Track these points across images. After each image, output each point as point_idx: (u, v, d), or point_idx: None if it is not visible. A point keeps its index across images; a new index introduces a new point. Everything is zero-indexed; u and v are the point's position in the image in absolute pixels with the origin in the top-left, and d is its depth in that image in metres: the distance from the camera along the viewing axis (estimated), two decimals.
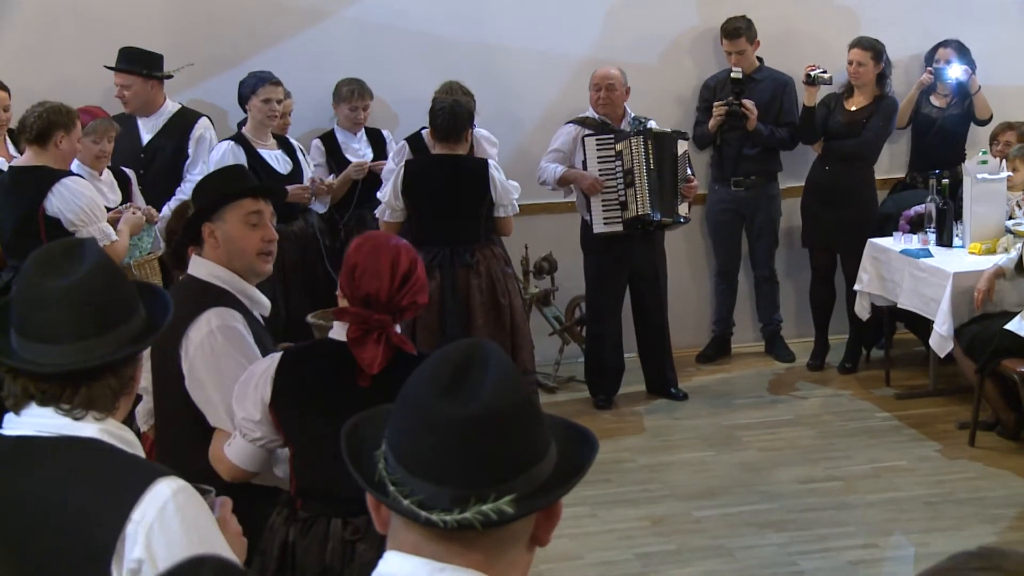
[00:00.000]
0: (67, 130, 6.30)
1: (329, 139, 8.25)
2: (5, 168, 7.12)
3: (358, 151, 8.15)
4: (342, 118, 8.20)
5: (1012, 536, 6.24)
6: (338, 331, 3.92)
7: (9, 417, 2.69)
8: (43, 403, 2.66)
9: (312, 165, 8.13)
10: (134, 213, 6.82)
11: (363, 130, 8.25)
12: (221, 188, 4.21)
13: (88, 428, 2.65)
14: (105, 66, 7.47)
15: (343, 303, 3.96)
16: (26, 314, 2.67)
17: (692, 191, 8.13)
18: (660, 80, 8.72)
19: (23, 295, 2.72)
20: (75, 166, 6.57)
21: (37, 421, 2.67)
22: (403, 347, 3.90)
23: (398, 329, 3.88)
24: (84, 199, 6.17)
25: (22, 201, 6.16)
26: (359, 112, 8.14)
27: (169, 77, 7.61)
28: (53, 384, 2.64)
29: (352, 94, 8.10)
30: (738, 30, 8.47)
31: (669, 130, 8.08)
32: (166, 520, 2.58)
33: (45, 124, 6.25)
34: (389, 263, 3.91)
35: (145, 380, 4.45)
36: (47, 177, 6.17)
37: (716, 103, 8.37)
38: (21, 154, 7.16)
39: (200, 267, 4.18)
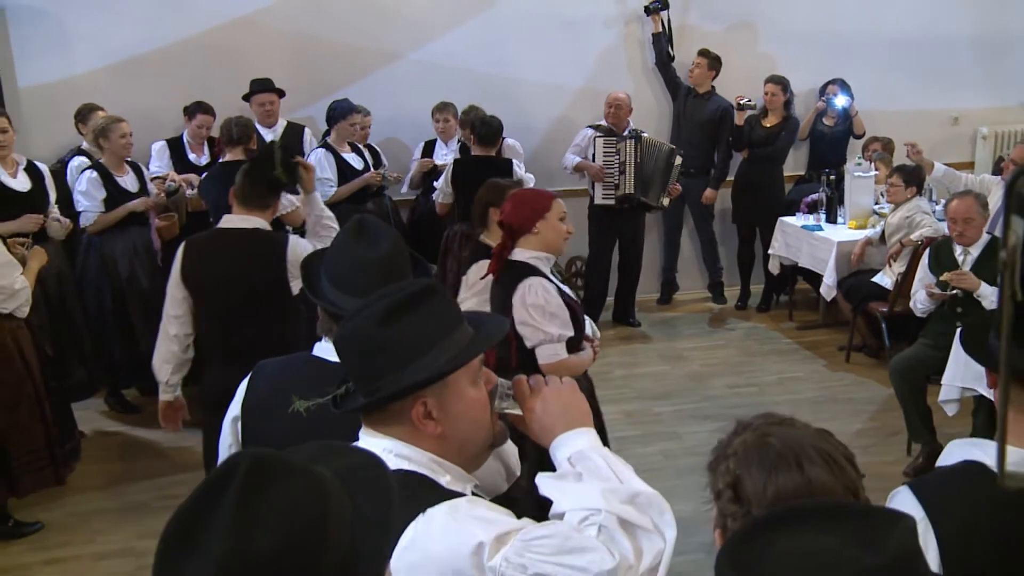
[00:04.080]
0: (253, 135, 6.41)
1: (430, 144, 8.21)
2: (201, 162, 7.33)
3: (444, 155, 8.04)
4: (435, 128, 8.13)
5: (872, 424, 6.39)
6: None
7: (322, 346, 2.66)
8: None
9: (412, 160, 8.19)
10: None
11: (455, 140, 8.10)
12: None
13: None
14: (261, 89, 7.51)
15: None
16: (340, 271, 2.63)
17: (676, 192, 8.19)
18: (634, 102, 8.65)
19: (341, 256, 2.67)
20: None
21: None
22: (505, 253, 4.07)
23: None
24: None
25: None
26: (441, 123, 8.08)
27: (281, 94, 7.65)
28: None
29: (436, 111, 8.10)
30: (708, 52, 8.55)
31: (667, 145, 8.11)
32: None
33: (251, 131, 6.35)
34: (514, 203, 4.12)
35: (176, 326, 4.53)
36: None
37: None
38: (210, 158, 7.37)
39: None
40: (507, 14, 8.54)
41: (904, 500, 2.06)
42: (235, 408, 2.71)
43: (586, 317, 4.37)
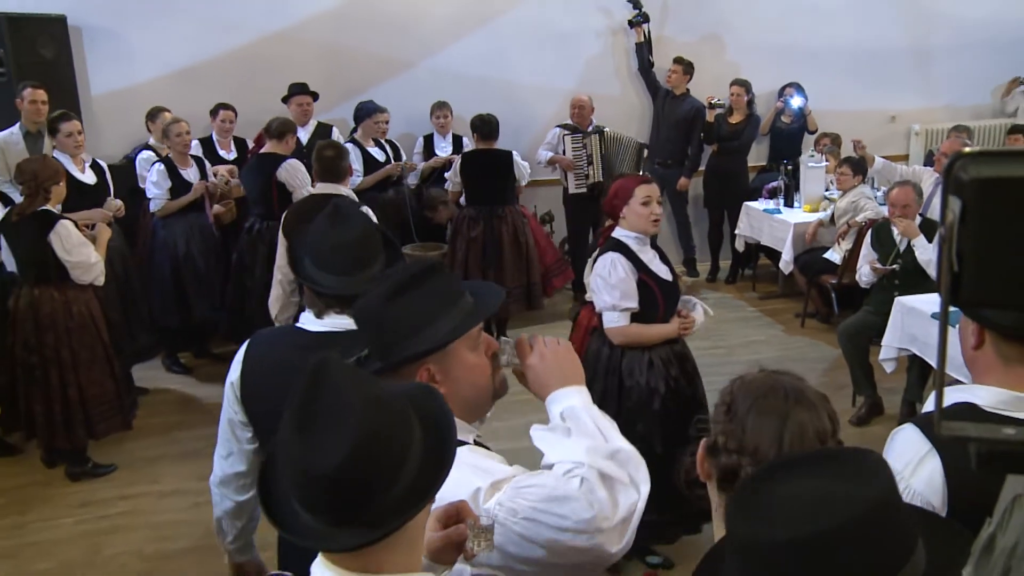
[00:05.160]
0: (292, 133, 6.41)
1: (428, 138, 8.20)
2: (229, 157, 7.36)
3: (444, 148, 8.08)
4: (434, 124, 8.14)
5: (823, 380, 6.36)
6: None
7: (305, 317, 2.63)
8: (339, 312, 2.57)
9: (414, 152, 8.12)
10: None
11: (450, 134, 8.15)
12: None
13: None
14: (298, 92, 7.53)
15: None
16: (320, 252, 2.62)
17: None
18: (618, 104, 8.76)
19: (319, 239, 2.66)
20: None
21: (333, 321, 2.58)
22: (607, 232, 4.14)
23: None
24: (300, 172, 6.20)
25: (265, 173, 6.19)
26: (440, 119, 8.09)
27: (315, 96, 7.67)
28: (333, 299, 2.58)
29: (436, 108, 8.11)
30: (682, 59, 8.54)
31: (634, 140, 8.08)
32: None
33: (288, 128, 6.36)
34: (610, 193, 4.12)
35: (280, 273, 4.76)
36: (280, 159, 6.21)
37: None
38: (242, 150, 7.42)
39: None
40: (507, 27, 8.53)
41: (910, 436, 2.03)
42: (234, 373, 2.66)
43: (695, 299, 4.41)
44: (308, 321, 2.63)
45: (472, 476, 1.77)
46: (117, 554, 4.72)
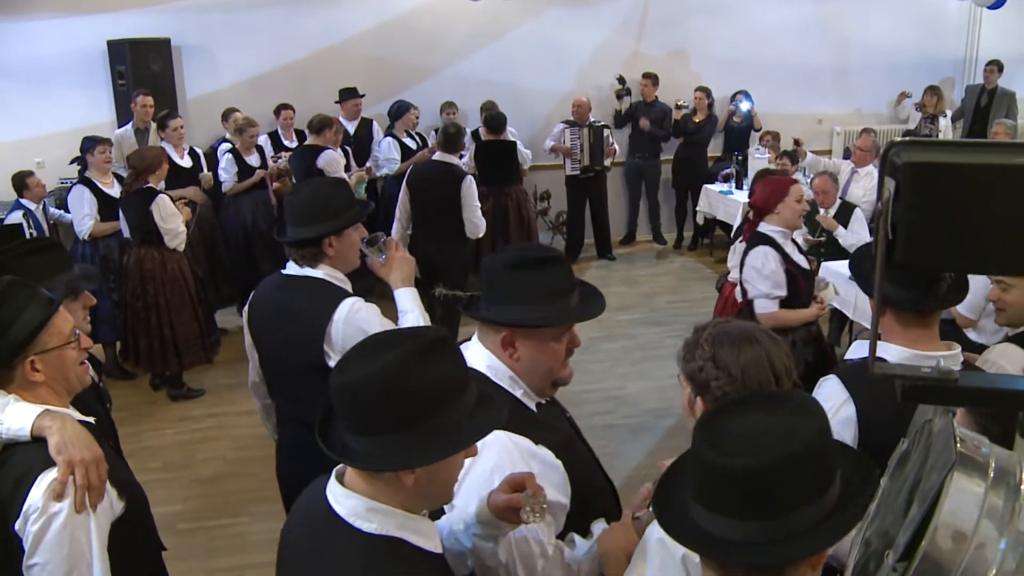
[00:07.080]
0: (330, 128, 6.34)
1: (439, 131, 8.09)
2: (292, 145, 7.28)
3: None
4: (444, 119, 7.92)
5: None
6: None
7: (290, 265, 2.63)
8: (296, 260, 2.60)
9: (430, 143, 8.03)
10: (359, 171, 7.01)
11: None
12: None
13: (319, 272, 2.57)
14: (351, 96, 7.52)
15: None
16: (291, 211, 2.61)
17: (612, 152, 8.19)
18: (603, 106, 8.62)
19: (291, 200, 2.66)
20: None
21: (292, 267, 2.61)
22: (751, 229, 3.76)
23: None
24: (334, 161, 6.20)
25: (308, 160, 6.20)
26: (450, 115, 7.94)
27: (363, 96, 7.63)
28: (293, 249, 2.59)
29: (445, 106, 8.04)
30: (650, 73, 8.47)
31: (602, 123, 8.12)
32: (349, 318, 2.49)
33: (325, 123, 6.32)
34: (760, 189, 3.76)
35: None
36: (319, 149, 6.21)
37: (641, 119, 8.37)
38: (298, 142, 7.32)
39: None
40: (515, 41, 8.48)
41: (832, 385, 2.00)
42: (246, 307, 2.82)
43: (827, 279, 4.07)
44: (291, 269, 2.66)
45: (480, 487, 1.66)
46: (207, 458, 4.83)
